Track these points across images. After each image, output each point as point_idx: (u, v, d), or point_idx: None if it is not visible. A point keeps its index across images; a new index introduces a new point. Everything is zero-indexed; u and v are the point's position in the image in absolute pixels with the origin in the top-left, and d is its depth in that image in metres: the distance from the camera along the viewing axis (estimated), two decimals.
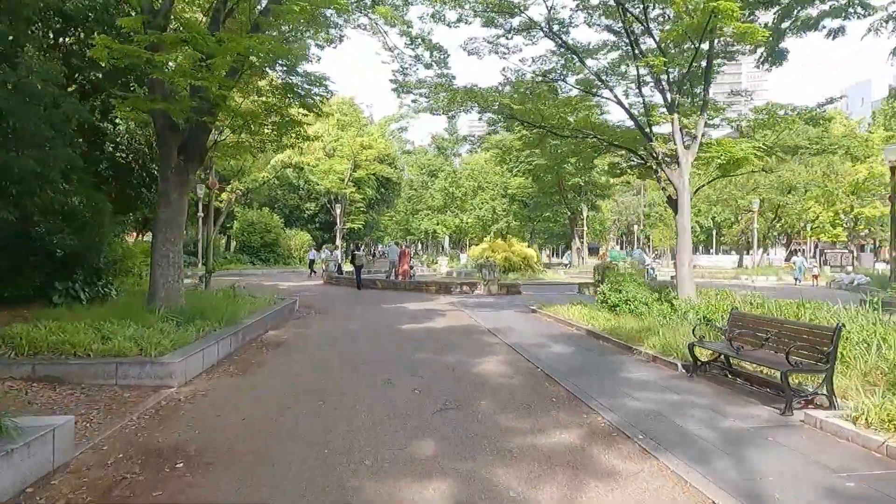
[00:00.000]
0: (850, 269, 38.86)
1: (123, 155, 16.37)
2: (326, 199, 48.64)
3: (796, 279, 30.20)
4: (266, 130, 12.73)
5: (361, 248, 23.86)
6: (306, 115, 12.97)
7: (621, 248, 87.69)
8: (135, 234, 29.65)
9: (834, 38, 15.57)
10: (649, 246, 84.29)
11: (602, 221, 61.89)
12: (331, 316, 14.98)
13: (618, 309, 12.86)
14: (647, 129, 12.33)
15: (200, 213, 32.78)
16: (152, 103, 10.15)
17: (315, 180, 45.99)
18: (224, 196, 41.15)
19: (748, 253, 67.03)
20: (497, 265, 21.88)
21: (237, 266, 36.44)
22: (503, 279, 22.87)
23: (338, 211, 44.93)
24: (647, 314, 12.22)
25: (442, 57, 16.67)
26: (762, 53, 16.01)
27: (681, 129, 11.78)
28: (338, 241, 46.70)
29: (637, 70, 11.37)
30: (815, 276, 30.16)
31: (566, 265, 43.26)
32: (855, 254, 41.48)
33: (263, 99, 12.92)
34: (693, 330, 7.94)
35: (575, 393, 6.89)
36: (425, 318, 14.32)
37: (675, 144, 11.64)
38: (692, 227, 53.53)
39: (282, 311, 14.26)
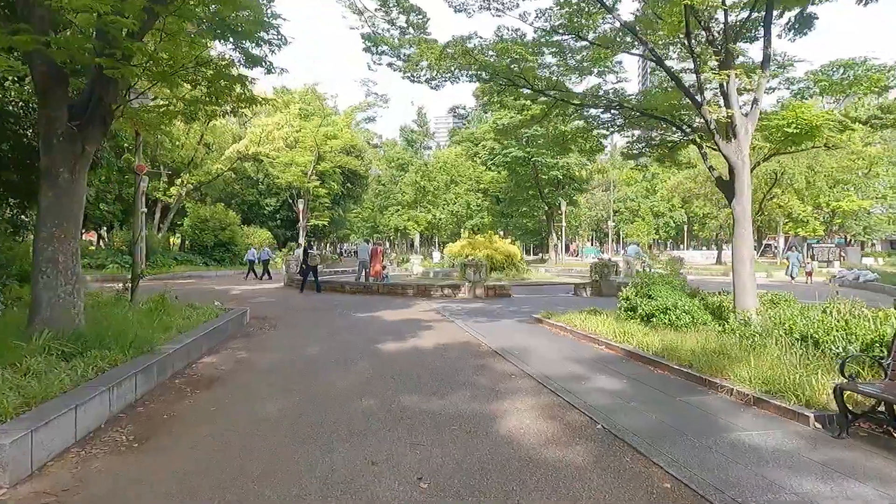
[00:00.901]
0: (837, 263, 37.55)
1: (25, 133, 13.04)
2: (288, 193, 45.18)
3: (791, 276, 28.28)
4: (197, 93, 9.65)
5: (315, 248, 20.75)
6: (251, 69, 9.96)
7: (592, 245, 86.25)
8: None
9: (865, 4, 13.42)
10: (617, 242, 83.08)
11: (577, 217, 59.94)
12: (288, 331, 11.97)
13: (653, 320, 10.25)
14: (696, 93, 9.71)
15: (143, 209, 29.15)
16: (20, 38, 7.00)
17: (275, 174, 42.49)
18: (174, 191, 37.43)
19: (726, 247, 66.05)
20: (485, 264, 19.16)
21: (187, 268, 32.79)
22: (487, 280, 20.13)
23: (300, 207, 41.56)
24: (691, 326, 9.66)
25: (421, 20, 13.86)
26: (790, 18, 13.77)
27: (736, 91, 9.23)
28: (301, 239, 43.33)
29: (685, 15, 8.76)
30: (810, 273, 28.25)
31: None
32: (841, 249, 40.19)
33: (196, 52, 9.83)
34: (841, 366, 5.27)
35: (695, 487, 4.13)
36: (408, 334, 11.45)
37: (731, 109, 9.08)
38: (665, 223, 51.84)
39: (225, 327, 11.20)
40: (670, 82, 11.34)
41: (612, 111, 12.52)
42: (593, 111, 13.14)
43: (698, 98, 9.54)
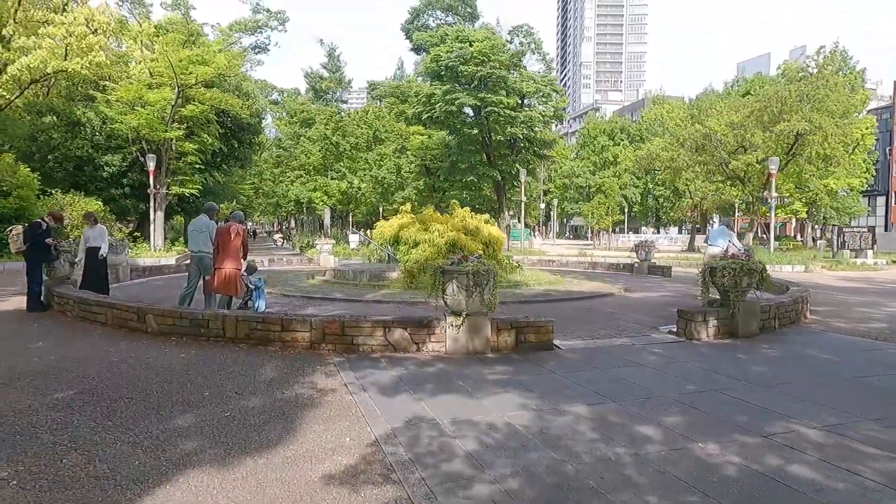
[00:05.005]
0: (870, 253, 29.41)
1: None
2: (137, 148, 31.09)
3: None
4: None
5: (46, 227, 7.99)
6: None
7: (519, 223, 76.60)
8: None
9: None
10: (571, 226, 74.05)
11: (534, 191, 49.41)
12: None
13: None
14: None
15: None
16: None
17: (112, 115, 28.49)
18: None
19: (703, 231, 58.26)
20: (492, 271, 7.76)
21: None
22: (495, 304, 8.56)
23: (151, 166, 27.90)
24: None
25: None
26: None
27: None
28: (153, 215, 29.71)
29: None
30: None
31: None
32: (872, 235, 32.22)
33: None
34: None
35: None
36: None
37: None
38: (618, 202, 42.36)
39: None
40: None
41: None
42: None
43: None
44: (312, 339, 7.72)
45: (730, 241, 13.48)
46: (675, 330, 9.14)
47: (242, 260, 9.56)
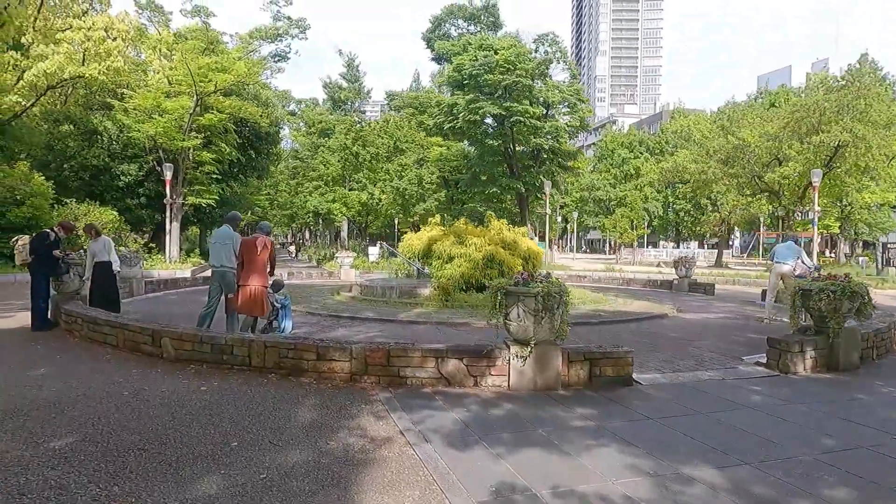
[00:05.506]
0: None
1: None
2: (154, 157, 30.44)
3: None
4: None
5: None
6: None
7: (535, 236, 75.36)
8: None
9: None
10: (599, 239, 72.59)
11: (553, 204, 48.20)
12: None
13: None
14: None
15: None
16: None
17: (129, 123, 27.86)
18: None
19: (729, 246, 56.82)
20: (564, 291, 6.74)
21: None
22: (565, 330, 7.37)
23: (168, 175, 27.16)
24: None
25: None
26: None
27: None
28: (169, 226, 28.94)
29: None
30: None
31: None
32: None
33: None
34: None
35: None
36: None
37: None
38: (638, 215, 40.95)
39: None
40: None
41: None
42: None
43: None
44: (352, 369, 6.65)
45: (799, 259, 12.31)
46: (763, 361, 7.95)
47: (269, 276, 8.53)
